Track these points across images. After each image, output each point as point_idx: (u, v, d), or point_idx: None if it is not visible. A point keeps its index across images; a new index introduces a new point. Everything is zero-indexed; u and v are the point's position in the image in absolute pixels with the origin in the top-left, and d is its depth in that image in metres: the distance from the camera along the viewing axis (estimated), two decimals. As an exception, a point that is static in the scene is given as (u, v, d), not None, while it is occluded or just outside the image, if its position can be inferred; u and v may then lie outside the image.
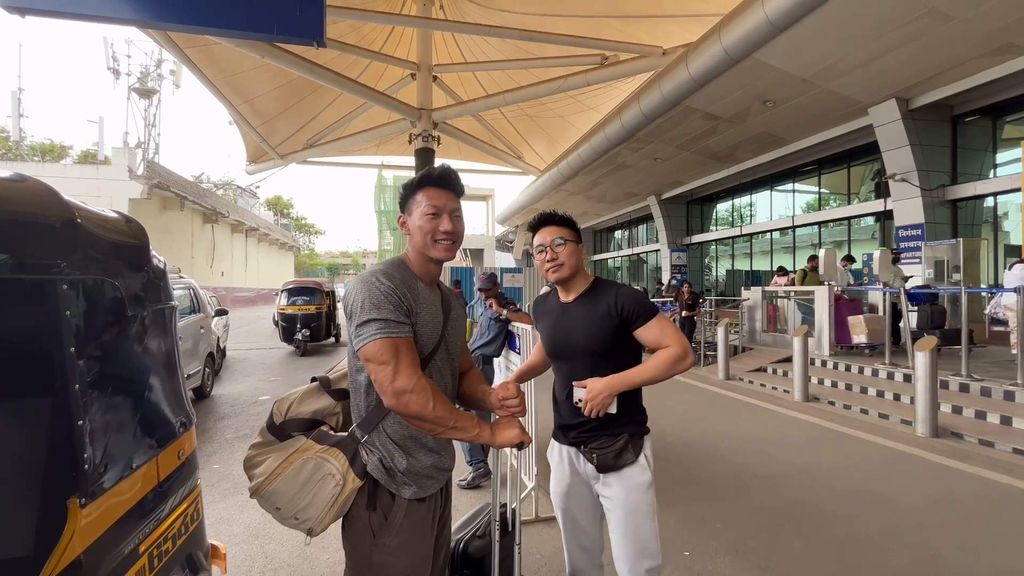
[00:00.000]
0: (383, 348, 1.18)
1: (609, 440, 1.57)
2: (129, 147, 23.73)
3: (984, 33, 6.88)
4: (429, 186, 1.35)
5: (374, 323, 1.19)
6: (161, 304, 1.41)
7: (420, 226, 1.32)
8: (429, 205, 1.33)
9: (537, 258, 1.69)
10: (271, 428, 1.34)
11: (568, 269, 1.62)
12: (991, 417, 4.90)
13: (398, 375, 1.18)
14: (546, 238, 1.64)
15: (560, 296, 1.71)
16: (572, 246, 1.64)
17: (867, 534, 2.92)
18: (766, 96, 9.39)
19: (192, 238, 25.79)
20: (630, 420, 1.59)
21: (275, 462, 1.27)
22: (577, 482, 1.64)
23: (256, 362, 9.88)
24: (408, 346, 1.22)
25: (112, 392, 1.17)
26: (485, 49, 13.45)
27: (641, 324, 1.56)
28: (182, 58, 10.84)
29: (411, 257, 1.37)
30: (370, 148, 18.52)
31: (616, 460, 1.55)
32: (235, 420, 5.55)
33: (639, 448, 1.58)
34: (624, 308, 1.55)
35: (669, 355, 1.52)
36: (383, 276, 1.25)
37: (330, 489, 1.23)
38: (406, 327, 1.23)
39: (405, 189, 1.39)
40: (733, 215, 17.06)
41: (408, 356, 1.20)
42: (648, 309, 1.56)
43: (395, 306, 1.22)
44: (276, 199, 55.62)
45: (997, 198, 9.24)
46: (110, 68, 30.18)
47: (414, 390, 1.18)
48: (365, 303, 1.21)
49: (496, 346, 3.72)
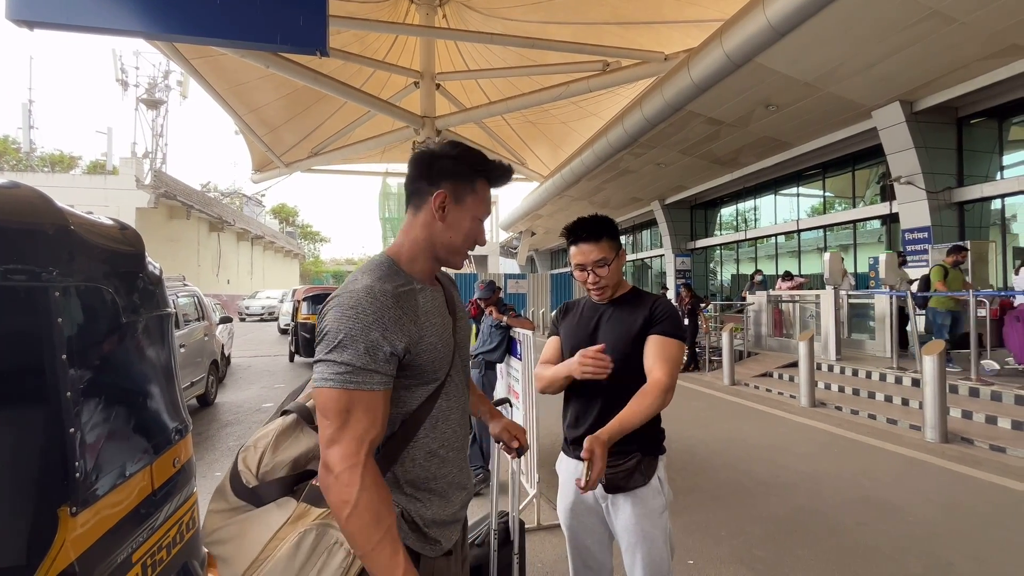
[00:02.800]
0: (330, 400, 0.89)
1: (619, 459, 1.46)
2: (137, 157, 24.05)
3: (988, 35, 6.85)
4: (490, 182, 1.09)
5: (329, 365, 0.90)
6: (157, 311, 1.41)
7: (469, 228, 1.06)
8: (485, 208, 1.08)
9: (576, 274, 1.59)
10: (239, 492, 0.99)
11: (610, 290, 1.56)
12: (1002, 422, 4.81)
13: (334, 443, 0.88)
14: (587, 258, 1.52)
15: (593, 298, 1.63)
16: (614, 264, 1.53)
17: (876, 543, 2.86)
18: (769, 100, 9.38)
19: (198, 246, 26.01)
20: (644, 438, 1.48)
21: (258, 538, 0.94)
22: (584, 500, 1.55)
23: (260, 369, 9.91)
24: (367, 407, 0.90)
25: (105, 400, 1.17)
26: (488, 57, 13.55)
27: (660, 331, 1.48)
28: (189, 69, 10.97)
29: (411, 253, 1.05)
30: (374, 156, 18.63)
31: (626, 481, 1.46)
32: (238, 428, 5.56)
33: (652, 469, 1.48)
34: (658, 312, 1.50)
35: (652, 392, 1.39)
36: (368, 299, 0.93)
37: (339, 562, 0.92)
38: (376, 377, 0.91)
39: (460, 162, 1.05)
40: (737, 219, 17.00)
41: (360, 422, 0.89)
42: (675, 325, 1.50)
43: (368, 348, 0.90)
44: (281, 207, 56.09)
45: (1004, 200, 9.15)
46: (119, 80, 30.66)
47: (340, 475, 0.86)
48: (332, 334, 0.91)
49: (500, 352, 3.72)
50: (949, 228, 9.24)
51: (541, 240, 31.06)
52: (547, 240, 31.01)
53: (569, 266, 1.61)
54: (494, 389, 3.93)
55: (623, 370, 1.46)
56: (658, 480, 1.48)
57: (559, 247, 33.27)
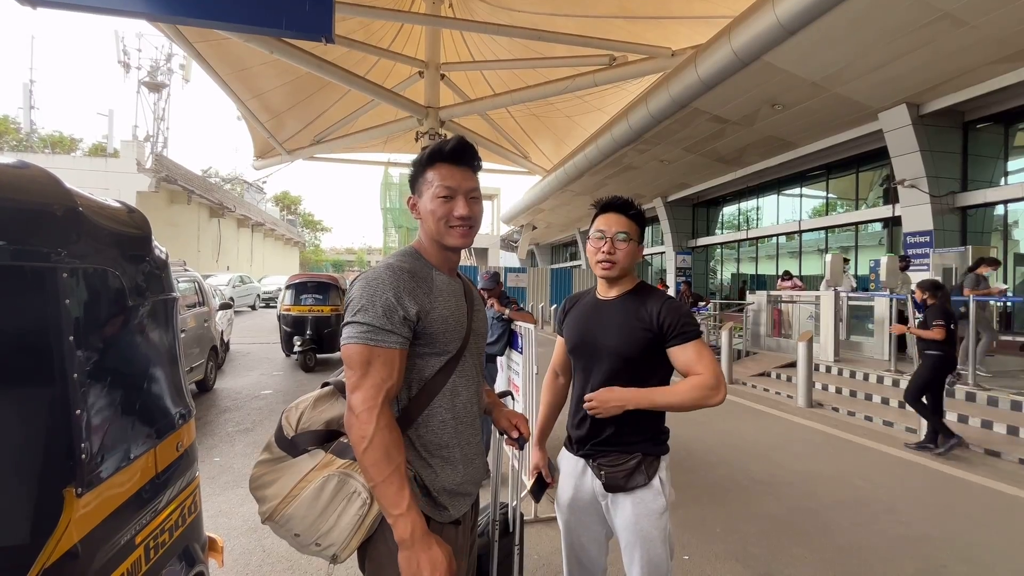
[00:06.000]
0: (354, 354, 1.04)
1: (620, 457, 1.45)
2: (138, 140, 23.89)
3: (997, 40, 6.81)
4: (441, 162, 1.17)
5: (354, 326, 1.05)
6: (162, 295, 1.41)
7: (432, 210, 1.16)
8: (441, 186, 1.16)
9: (591, 244, 1.52)
10: (281, 442, 1.14)
11: (619, 270, 1.49)
12: (997, 427, 4.84)
13: (356, 389, 1.03)
14: (610, 227, 1.48)
15: (599, 291, 1.58)
16: (633, 246, 1.49)
17: (871, 544, 2.88)
18: (775, 99, 9.33)
19: (199, 232, 25.90)
20: (647, 438, 1.47)
21: (290, 481, 1.10)
22: (583, 496, 1.53)
23: (259, 356, 9.91)
24: (385, 361, 1.04)
25: (111, 382, 1.17)
26: (493, 48, 13.45)
27: (678, 343, 1.41)
28: (192, 53, 10.89)
29: (425, 244, 1.22)
30: (377, 145, 18.57)
31: (626, 480, 1.44)
32: (237, 414, 5.56)
33: (653, 470, 1.45)
34: (666, 321, 1.41)
35: (699, 382, 1.36)
36: (387, 272, 1.09)
37: (356, 509, 1.06)
38: (393, 337, 1.05)
39: (415, 166, 1.22)
40: (739, 218, 16.98)
41: (379, 372, 1.03)
42: (690, 329, 1.42)
43: (385, 310, 1.05)
44: (283, 195, 55.86)
45: (1008, 206, 9.14)
46: (121, 62, 30.43)
47: (360, 415, 1.01)
48: (355, 301, 1.08)
49: (500, 345, 3.72)
50: (951, 232, 9.23)
51: (542, 234, 31.00)
52: (548, 234, 30.95)
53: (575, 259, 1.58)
54: (495, 382, 3.94)
55: (624, 369, 1.44)
56: (659, 481, 1.46)
57: (560, 242, 33.21)
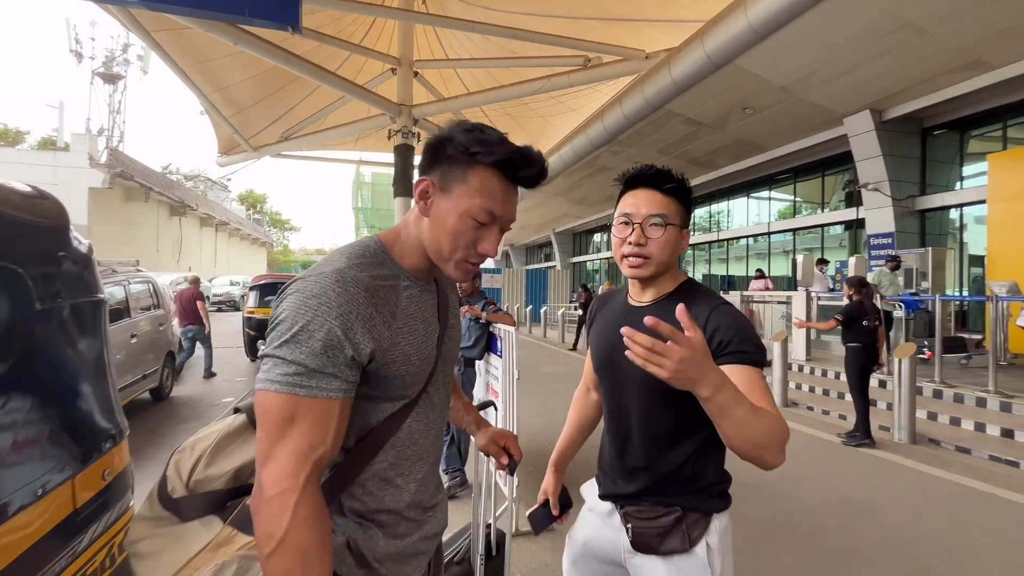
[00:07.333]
0: (272, 408, 0.71)
1: (655, 510, 1.09)
2: (91, 134, 22.66)
3: (955, 49, 7.07)
4: (502, 171, 0.83)
5: (277, 363, 0.72)
6: (84, 296, 1.19)
7: (454, 227, 0.82)
8: (485, 206, 0.81)
9: (615, 232, 1.12)
10: (164, 500, 0.82)
11: (654, 267, 1.08)
12: (965, 424, 4.96)
13: (269, 459, 0.70)
14: (639, 208, 1.07)
15: (630, 293, 1.19)
16: (672, 232, 1.07)
17: (857, 546, 2.85)
18: (746, 103, 9.50)
19: (157, 231, 24.80)
20: (697, 488, 1.09)
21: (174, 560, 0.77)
22: (603, 544, 1.17)
23: (222, 360, 9.42)
24: (317, 418, 0.72)
25: (12, 403, 0.95)
26: (467, 46, 13.28)
27: (731, 361, 1.00)
28: (150, 42, 10.29)
29: (403, 245, 0.87)
30: (348, 143, 18.08)
31: (660, 542, 1.07)
32: (195, 424, 5.21)
33: (698, 532, 1.07)
34: (717, 332, 1.02)
35: (777, 423, 0.94)
36: (335, 286, 0.75)
37: None
38: (333, 383, 0.73)
39: (458, 148, 0.81)
40: (710, 220, 17.29)
41: (305, 435, 0.71)
42: (750, 348, 1.02)
43: (326, 345, 0.72)
44: (249, 193, 54.17)
45: (963, 209, 9.55)
46: (72, 51, 28.81)
47: (270, 500, 0.69)
48: (284, 324, 0.73)
49: (478, 349, 3.55)
50: (911, 235, 9.59)
51: (516, 235, 30.93)
52: (523, 235, 30.92)
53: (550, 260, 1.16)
54: (473, 387, 3.78)
55: (662, 404, 1.08)
56: (706, 547, 1.06)
57: (535, 242, 33.24)
